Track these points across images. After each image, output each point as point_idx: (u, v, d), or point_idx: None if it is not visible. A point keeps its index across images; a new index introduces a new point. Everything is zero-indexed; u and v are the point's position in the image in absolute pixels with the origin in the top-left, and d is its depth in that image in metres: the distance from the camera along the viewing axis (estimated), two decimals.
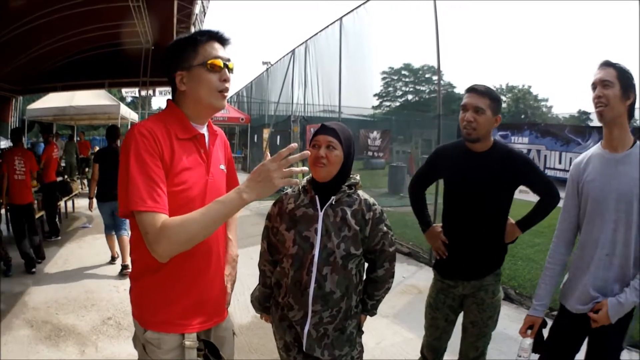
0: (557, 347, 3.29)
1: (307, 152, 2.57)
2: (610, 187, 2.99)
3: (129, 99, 40.27)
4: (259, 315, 3.36)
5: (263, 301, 3.25)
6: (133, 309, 2.53)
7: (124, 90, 33.22)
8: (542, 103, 56.42)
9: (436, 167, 3.89)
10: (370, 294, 3.09)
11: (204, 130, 2.59)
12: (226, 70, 2.46)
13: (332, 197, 2.86)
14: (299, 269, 2.85)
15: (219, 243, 2.66)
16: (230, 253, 2.98)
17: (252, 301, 3.38)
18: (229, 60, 2.48)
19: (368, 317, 3.17)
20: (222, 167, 2.72)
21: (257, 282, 3.28)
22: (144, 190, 2.17)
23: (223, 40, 2.52)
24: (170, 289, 2.44)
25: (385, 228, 2.96)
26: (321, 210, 2.86)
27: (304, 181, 3.01)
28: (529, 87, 56.46)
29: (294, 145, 2.26)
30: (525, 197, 3.85)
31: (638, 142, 3.05)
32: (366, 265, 3.12)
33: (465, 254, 3.64)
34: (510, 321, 6.33)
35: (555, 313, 3.47)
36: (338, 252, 2.80)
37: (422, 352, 4.07)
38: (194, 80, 2.42)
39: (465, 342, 3.82)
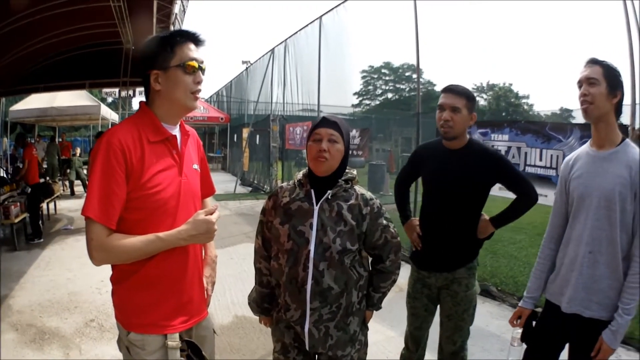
0: (544, 342, 3.28)
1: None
2: (594, 185, 2.97)
3: (110, 100, 40.12)
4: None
5: (260, 302, 3.15)
6: (116, 312, 2.55)
7: (104, 91, 33.08)
8: (524, 101, 56.80)
9: (416, 166, 4.02)
10: (377, 286, 3.06)
11: (175, 131, 2.60)
12: (200, 72, 2.51)
13: (329, 192, 2.83)
14: (294, 265, 2.80)
15: (196, 244, 2.65)
16: (209, 254, 3.00)
17: (249, 303, 3.27)
18: (202, 62, 2.53)
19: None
20: (196, 166, 2.74)
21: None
22: (99, 201, 2.26)
23: (198, 42, 2.55)
24: (150, 291, 2.46)
25: (385, 221, 2.95)
26: (317, 205, 2.83)
27: (300, 175, 2.98)
28: (510, 84, 56.79)
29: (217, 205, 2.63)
30: (506, 194, 3.85)
31: (627, 139, 3.04)
32: (369, 260, 3.11)
33: (437, 246, 3.78)
34: (492, 318, 6.39)
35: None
36: (334, 247, 2.76)
37: (405, 343, 4.16)
38: (170, 80, 2.45)
39: (443, 336, 3.90)
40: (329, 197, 2.83)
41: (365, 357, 3.13)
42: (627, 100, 5.62)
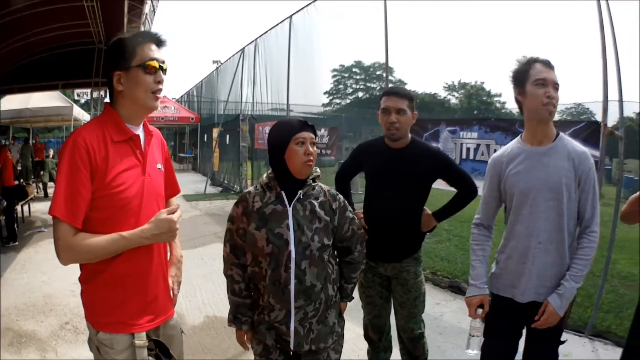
0: (501, 332, 3.35)
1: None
2: (537, 179, 3.08)
3: (83, 100, 39.77)
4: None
5: (234, 311, 3.07)
6: (85, 312, 2.57)
7: (77, 91, 32.78)
8: (496, 99, 57.25)
9: (358, 162, 4.14)
10: (348, 277, 3.16)
11: (139, 131, 2.65)
12: (161, 72, 2.55)
13: (300, 192, 2.88)
14: (277, 268, 2.82)
15: (160, 242, 2.69)
16: (175, 254, 3.06)
17: (230, 323, 3.12)
18: (163, 62, 2.57)
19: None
20: (159, 166, 2.79)
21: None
22: (65, 201, 2.30)
23: (160, 42, 2.60)
24: (117, 290, 2.49)
25: (350, 214, 3.08)
26: (290, 206, 2.87)
27: (265, 178, 2.99)
28: (482, 83, 57.23)
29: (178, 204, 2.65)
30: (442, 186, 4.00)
31: (561, 133, 3.18)
32: (336, 253, 3.17)
33: (382, 239, 3.86)
34: (464, 314, 6.31)
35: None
36: (313, 245, 2.83)
37: (365, 335, 4.25)
38: (131, 81, 2.49)
39: (399, 325, 4.03)
40: (301, 196, 2.89)
41: (341, 348, 3.19)
42: (598, 97, 5.75)
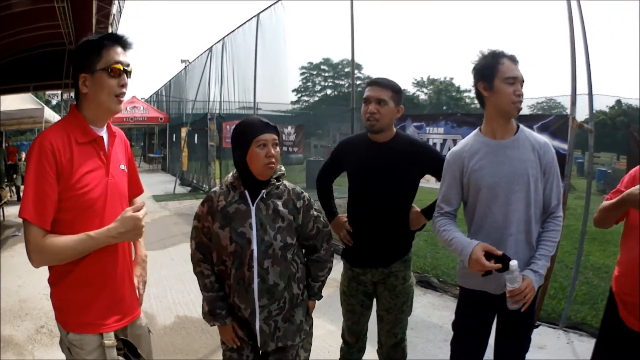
0: (472, 332, 3.36)
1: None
2: (503, 173, 3.08)
3: (54, 102, 39.49)
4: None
5: (212, 307, 3.05)
6: (55, 313, 2.61)
7: (48, 93, 32.53)
8: (465, 94, 57.82)
9: (340, 160, 3.95)
10: (315, 275, 3.17)
11: (102, 133, 2.66)
12: (125, 75, 2.56)
13: (263, 191, 2.89)
14: (240, 267, 2.85)
15: (124, 242, 2.70)
16: (139, 254, 3.09)
17: (204, 317, 3.15)
18: (128, 65, 2.57)
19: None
20: (123, 167, 2.80)
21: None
22: (34, 203, 2.33)
23: (125, 45, 2.60)
24: (84, 290, 2.52)
25: (315, 212, 3.08)
26: (253, 205, 2.88)
27: (230, 177, 3.00)
28: (451, 79, 57.82)
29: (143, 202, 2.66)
30: (434, 185, 3.90)
31: (521, 125, 3.20)
32: (304, 251, 3.19)
33: (370, 242, 3.70)
34: (434, 309, 6.49)
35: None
36: (276, 244, 2.85)
37: (343, 336, 4.12)
38: (96, 84, 2.49)
39: (383, 330, 3.88)
40: (264, 196, 2.89)
41: (310, 346, 3.23)
42: (566, 90, 5.78)
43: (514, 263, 2.85)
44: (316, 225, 3.07)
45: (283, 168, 3.05)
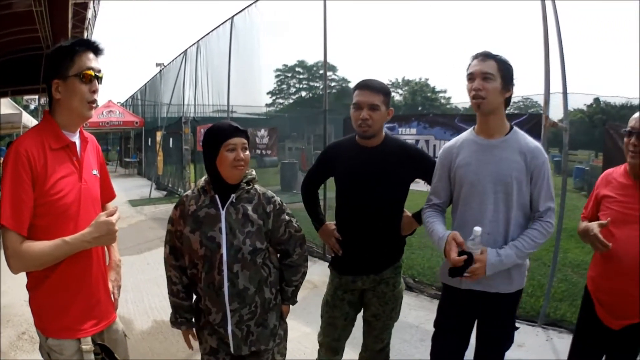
0: (454, 323, 3.38)
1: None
2: (487, 171, 3.09)
3: (32, 106, 39.10)
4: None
5: (174, 312, 3.17)
6: (34, 319, 2.63)
7: (26, 97, 32.22)
8: (441, 95, 58.05)
9: (328, 165, 3.85)
10: (288, 280, 3.20)
11: (75, 138, 2.69)
12: (96, 81, 2.60)
13: (232, 195, 2.92)
14: (210, 271, 2.88)
15: (98, 247, 2.73)
16: (113, 259, 3.11)
17: (171, 324, 3.22)
18: (99, 71, 2.62)
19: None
20: (95, 172, 2.84)
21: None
22: (11, 209, 2.35)
23: (97, 50, 2.64)
24: (61, 295, 2.56)
25: (287, 217, 3.10)
26: (223, 209, 2.91)
27: (202, 181, 3.03)
28: (426, 79, 58.01)
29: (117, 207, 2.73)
30: (422, 187, 3.91)
31: (515, 128, 3.18)
32: (278, 256, 3.22)
33: (362, 249, 3.61)
34: (410, 309, 6.48)
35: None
36: (245, 248, 2.87)
37: (319, 353, 3.99)
38: (69, 90, 2.54)
39: (370, 335, 3.81)
40: (234, 200, 2.93)
41: (285, 351, 3.26)
42: (540, 89, 5.84)
43: (477, 229, 2.89)
44: (288, 230, 3.09)
45: (254, 172, 3.08)
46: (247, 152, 2.91)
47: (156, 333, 6.04)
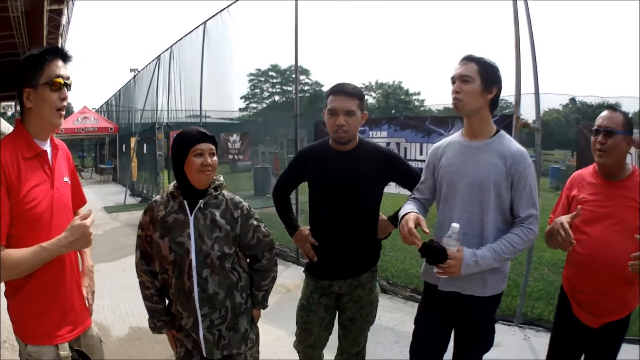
0: (434, 323, 3.38)
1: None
2: (466, 173, 3.11)
3: (9, 113, 38.74)
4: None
5: (151, 316, 3.15)
6: (13, 326, 2.63)
7: (3, 104, 31.93)
8: (414, 97, 58.25)
9: (302, 170, 3.83)
10: (258, 285, 3.21)
11: (46, 146, 2.70)
12: (65, 89, 2.61)
13: (200, 201, 2.93)
14: (180, 276, 2.90)
15: (70, 253, 2.73)
16: (86, 264, 3.12)
17: (150, 328, 3.20)
18: (68, 78, 2.62)
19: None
20: (66, 179, 2.84)
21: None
22: None
23: (66, 58, 2.65)
24: (37, 302, 2.57)
25: (255, 222, 3.10)
26: (191, 215, 2.91)
27: (171, 187, 3.03)
28: (400, 82, 58.15)
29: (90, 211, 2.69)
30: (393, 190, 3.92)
31: (501, 131, 3.19)
32: (248, 261, 3.23)
33: (339, 253, 3.58)
34: (384, 311, 6.45)
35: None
36: (213, 254, 2.88)
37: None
38: (39, 98, 2.54)
39: (346, 339, 3.80)
40: (202, 206, 2.94)
41: (258, 355, 3.29)
42: (511, 91, 5.88)
43: (455, 225, 2.89)
44: (256, 235, 3.10)
45: (222, 178, 3.08)
46: (215, 158, 2.92)
47: (133, 339, 6.01)
